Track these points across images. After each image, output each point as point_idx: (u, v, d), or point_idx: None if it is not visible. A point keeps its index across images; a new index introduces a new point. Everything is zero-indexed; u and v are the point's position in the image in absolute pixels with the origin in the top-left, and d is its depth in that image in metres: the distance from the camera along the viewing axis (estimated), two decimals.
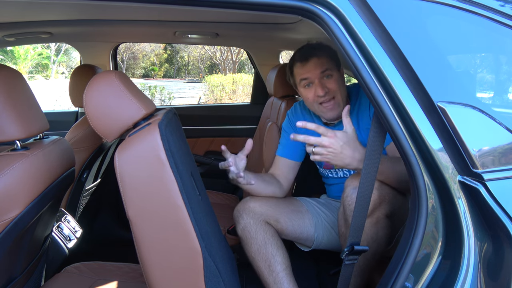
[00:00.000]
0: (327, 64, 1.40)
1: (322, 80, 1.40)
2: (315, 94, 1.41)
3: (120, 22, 1.94)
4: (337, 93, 1.40)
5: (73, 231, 1.65)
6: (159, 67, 22.34)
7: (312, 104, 1.45)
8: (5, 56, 15.66)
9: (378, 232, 1.18)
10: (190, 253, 0.86)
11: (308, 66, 1.41)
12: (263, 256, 1.37)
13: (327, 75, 1.40)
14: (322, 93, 1.39)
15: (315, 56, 1.41)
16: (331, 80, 1.40)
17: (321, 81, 1.40)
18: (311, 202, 1.58)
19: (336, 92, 1.40)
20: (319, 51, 1.42)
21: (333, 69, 1.41)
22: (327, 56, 1.41)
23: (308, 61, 1.41)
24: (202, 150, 2.77)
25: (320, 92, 1.39)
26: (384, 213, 1.17)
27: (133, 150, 0.83)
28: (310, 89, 1.42)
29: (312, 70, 1.40)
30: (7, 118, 0.94)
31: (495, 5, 0.85)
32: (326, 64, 1.40)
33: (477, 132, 0.81)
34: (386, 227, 1.19)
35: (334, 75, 1.41)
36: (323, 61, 1.40)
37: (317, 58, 1.40)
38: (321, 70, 1.39)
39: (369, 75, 0.84)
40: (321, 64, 1.40)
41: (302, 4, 0.85)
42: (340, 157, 1.10)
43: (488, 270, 0.80)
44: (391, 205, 1.18)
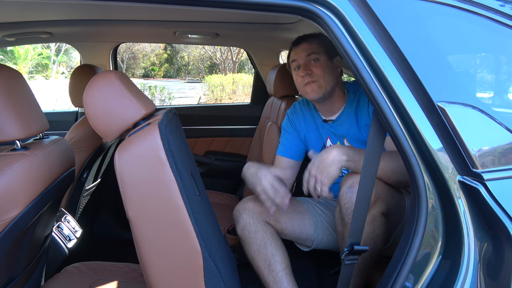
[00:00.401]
0: (315, 48, 1.45)
1: (308, 63, 1.45)
2: (300, 75, 1.47)
3: (120, 22, 1.94)
4: (321, 77, 1.44)
5: (73, 231, 1.65)
6: (159, 67, 22.35)
7: (299, 86, 1.50)
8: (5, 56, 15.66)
9: (375, 230, 1.18)
10: (190, 253, 0.86)
11: (298, 49, 1.48)
12: (262, 255, 1.37)
13: (314, 59, 1.45)
14: (303, 73, 1.44)
15: (306, 41, 1.48)
16: (317, 64, 1.45)
17: (306, 63, 1.46)
18: (310, 202, 1.58)
19: (320, 76, 1.43)
20: (312, 37, 1.49)
21: (320, 54, 1.45)
22: (318, 42, 1.47)
23: (299, 44, 1.49)
24: (202, 150, 2.77)
25: (302, 72, 1.45)
26: (380, 211, 1.17)
27: (133, 150, 0.83)
28: (299, 71, 1.48)
29: (300, 52, 1.47)
30: (7, 118, 0.94)
31: (495, 5, 0.85)
32: (313, 49, 1.45)
33: (477, 132, 0.81)
34: (382, 225, 1.19)
35: (321, 60, 1.45)
36: (312, 46, 1.46)
37: (307, 43, 1.47)
38: (307, 53, 1.45)
39: (369, 75, 0.84)
40: (309, 47, 1.46)
41: (302, 4, 0.85)
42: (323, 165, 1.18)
43: (488, 270, 0.80)
44: (387, 202, 1.18)
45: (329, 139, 1.56)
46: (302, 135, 1.63)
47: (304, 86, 1.46)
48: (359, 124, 1.47)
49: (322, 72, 1.44)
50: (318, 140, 1.59)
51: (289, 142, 1.62)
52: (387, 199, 1.18)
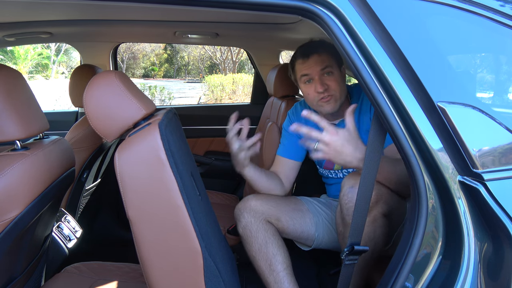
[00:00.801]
0: (328, 61, 1.42)
1: (322, 77, 1.42)
2: (315, 90, 1.42)
3: (120, 22, 1.94)
4: (336, 91, 1.42)
5: (73, 231, 1.65)
6: (159, 67, 22.34)
7: (312, 100, 1.46)
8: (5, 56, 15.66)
9: (376, 230, 1.18)
10: (190, 253, 0.86)
11: (309, 63, 1.43)
12: (264, 255, 1.37)
13: (327, 72, 1.42)
14: (321, 89, 1.40)
15: (316, 53, 1.42)
16: (331, 77, 1.42)
17: (321, 77, 1.42)
18: (312, 201, 1.58)
19: (335, 89, 1.42)
20: (321, 48, 1.44)
21: (333, 67, 1.43)
22: (328, 53, 1.43)
23: (309, 57, 1.43)
24: (202, 150, 2.77)
25: (320, 89, 1.41)
26: (381, 212, 1.17)
27: (133, 150, 0.83)
28: (310, 85, 1.44)
29: (313, 66, 1.42)
30: (7, 118, 0.94)
31: (495, 5, 0.85)
32: (326, 61, 1.42)
33: (477, 132, 0.81)
34: (383, 226, 1.19)
35: (335, 72, 1.43)
36: (324, 58, 1.42)
37: (318, 55, 1.42)
38: (321, 67, 1.41)
39: (369, 75, 0.84)
40: (321, 61, 1.41)
41: (302, 4, 0.85)
42: (341, 156, 1.09)
43: (488, 270, 0.80)
44: (388, 204, 1.18)
45: None
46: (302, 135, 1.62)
47: (319, 101, 1.43)
48: (360, 129, 1.47)
49: (337, 85, 1.42)
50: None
51: (289, 143, 1.62)
52: (388, 200, 1.18)
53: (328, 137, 1.09)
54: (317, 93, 1.42)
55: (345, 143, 1.08)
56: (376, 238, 1.18)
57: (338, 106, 1.44)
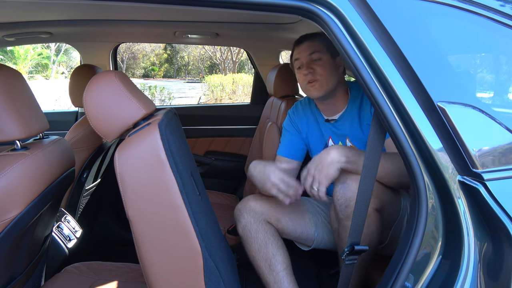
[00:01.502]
0: (318, 47, 1.46)
1: (311, 62, 1.46)
2: (302, 74, 1.47)
3: (120, 22, 1.94)
4: (323, 76, 1.44)
5: (73, 231, 1.65)
6: (159, 67, 22.35)
7: (302, 85, 1.51)
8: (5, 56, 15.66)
9: (369, 225, 1.18)
10: (190, 253, 0.86)
11: (300, 48, 1.49)
12: (263, 255, 1.37)
13: (316, 58, 1.45)
14: (306, 72, 1.45)
15: (309, 40, 1.48)
16: (318, 62, 1.45)
17: (309, 62, 1.46)
18: (311, 201, 1.58)
19: (322, 75, 1.44)
20: (315, 36, 1.49)
21: (323, 53, 1.45)
22: (320, 41, 1.47)
23: (302, 43, 1.49)
24: (202, 150, 2.77)
25: (305, 71, 1.45)
26: (374, 207, 1.17)
27: (133, 150, 0.83)
28: (300, 70, 1.49)
29: (302, 51, 1.48)
30: (7, 118, 0.94)
31: (495, 5, 0.85)
32: (316, 47, 1.46)
33: (477, 132, 0.81)
34: (377, 221, 1.19)
35: (324, 59, 1.45)
36: (315, 44, 1.47)
37: (309, 41, 1.48)
38: (310, 52, 1.46)
39: (369, 75, 0.84)
40: (311, 46, 1.47)
41: (302, 4, 0.85)
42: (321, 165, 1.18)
43: (488, 270, 0.80)
44: (381, 199, 1.19)
45: (331, 139, 1.56)
46: (303, 134, 1.63)
47: (307, 85, 1.47)
48: (361, 124, 1.46)
49: (324, 71, 1.44)
50: (320, 140, 1.58)
51: (290, 142, 1.62)
52: (381, 195, 1.19)
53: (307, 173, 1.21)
54: (304, 75, 1.46)
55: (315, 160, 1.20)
56: (370, 233, 1.18)
57: (324, 92, 1.45)
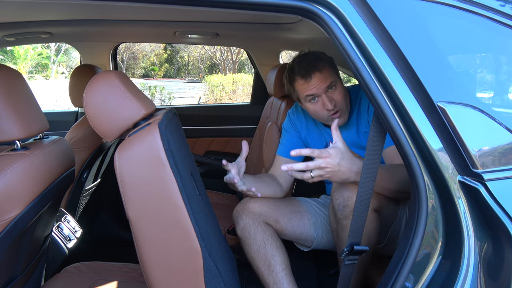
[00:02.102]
0: (330, 76, 1.38)
1: (328, 93, 1.39)
2: (323, 107, 1.40)
3: (120, 22, 1.94)
4: (343, 103, 1.41)
5: (73, 231, 1.65)
6: (159, 67, 22.34)
7: (322, 117, 1.44)
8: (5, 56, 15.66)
9: (367, 226, 1.17)
10: (190, 253, 0.86)
11: (312, 82, 1.38)
12: (262, 256, 1.37)
13: (331, 87, 1.40)
14: (331, 107, 1.38)
15: (317, 70, 1.38)
16: (335, 91, 1.39)
17: (327, 94, 1.39)
18: (310, 202, 1.58)
19: (342, 103, 1.41)
20: (320, 63, 1.39)
21: (336, 80, 1.40)
22: (327, 67, 1.40)
23: (312, 77, 1.38)
24: (202, 150, 2.77)
25: (329, 106, 1.38)
26: (372, 207, 1.17)
27: (133, 150, 0.83)
28: (317, 103, 1.41)
29: (317, 85, 1.38)
30: (7, 118, 0.94)
31: (495, 5, 0.85)
32: (329, 77, 1.38)
33: (477, 132, 0.81)
34: (374, 221, 1.19)
35: (338, 85, 1.41)
36: (326, 74, 1.38)
37: (319, 73, 1.37)
38: (326, 85, 1.38)
39: (369, 75, 0.84)
40: (325, 78, 1.38)
41: (302, 4, 0.85)
42: (339, 174, 1.13)
43: (488, 270, 0.80)
44: (379, 199, 1.19)
45: (331, 143, 1.56)
46: (303, 135, 1.63)
47: (329, 116, 1.41)
48: (358, 131, 1.47)
49: (343, 97, 1.41)
50: (320, 141, 1.59)
51: (289, 142, 1.62)
52: (378, 195, 1.19)
53: (323, 162, 1.11)
54: (327, 110, 1.40)
55: (340, 161, 1.12)
56: (368, 233, 1.18)
57: (348, 117, 1.45)
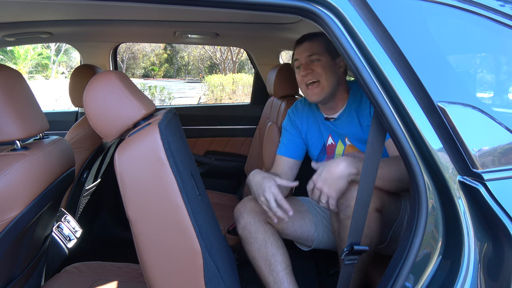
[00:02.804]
0: (317, 48, 1.44)
1: (309, 63, 1.44)
2: (301, 74, 1.46)
3: (120, 22, 1.94)
4: (322, 77, 1.42)
5: (73, 231, 1.65)
6: (159, 67, 22.34)
7: (301, 86, 1.49)
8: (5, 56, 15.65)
9: (370, 225, 1.18)
10: (190, 253, 0.86)
11: (300, 48, 1.47)
12: (263, 255, 1.37)
13: (315, 59, 1.44)
14: (304, 73, 1.43)
15: (309, 40, 1.46)
16: (317, 63, 1.43)
17: (307, 63, 1.45)
18: (311, 202, 1.58)
19: (321, 76, 1.42)
20: (315, 37, 1.47)
21: (322, 54, 1.44)
22: (320, 42, 1.45)
23: (302, 43, 1.47)
24: (202, 150, 2.77)
25: (303, 72, 1.44)
26: (374, 207, 1.17)
27: (133, 150, 0.83)
28: (299, 70, 1.47)
29: (302, 52, 1.46)
30: (7, 118, 0.94)
31: (495, 5, 0.85)
32: (315, 49, 1.44)
33: (477, 132, 0.81)
34: (377, 221, 1.19)
35: (323, 60, 1.44)
36: (314, 45, 1.45)
37: (309, 42, 1.46)
38: (309, 53, 1.44)
39: (369, 75, 0.84)
40: (311, 47, 1.45)
41: (302, 4, 0.85)
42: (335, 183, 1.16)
43: (488, 270, 0.80)
44: (381, 199, 1.19)
45: (331, 137, 1.55)
46: (303, 134, 1.63)
47: (306, 89, 1.45)
48: (361, 124, 1.46)
49: (323, 71, 1.42)
50: (319, 138, 1.58)
51: (289, 142, 1.61)
52: (381, 195, 1.19)
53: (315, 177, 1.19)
54: (302, 76, 1.45)
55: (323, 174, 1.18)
56: (370, 233, 1.18)
57: (324, 96, 1.44)
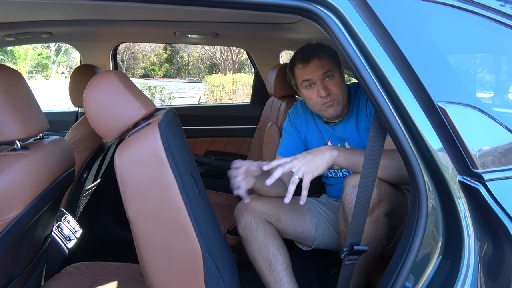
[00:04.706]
0: (329, 65, 1.40)
1: (324, 81, 1.40)
2: (317, 95, 1.41)
3: (120, 22, 1.94)
4: (339, 95, 1.41)
5: (73, 231, 1.65)
6: (159, 67, 22.34)
7: (315, 105, 1.45)
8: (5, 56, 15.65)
9: (378, 230, 1.18)
10: (190, 253, 0.86)
11: (310, 68, 1.41)
12: (264, 255, 1.37)
13: (329, 76, 1.41)
14: (325, 94, 1.39)
15: (316, 57, 1.40)
16: (332, 81, 1.41)
17: (323, 82, 1.40)
18: (312, 201, 1.58)
19: (338, 93, 1.41)
20: (320, 52, 1.42)
21: (334, 70, 1.42)
22: (328, 56, 1.42)
23: (310, 62, 1.41)
24: (202, 150, 2.77)
25: (323, 94, 1.39)
26: (384, 212, 1.17)
27: (133, 150, 0.83)
28: (312, 89, 1.42)
29: (314, 71, 1.40)
30: (7, 118, 0.94)
31: (495, 5, 0.85)
32: (327, 65, 1.40)
33: (477, 132, 0.81)
34: (385, 226, 1.19)
35: (336, 76, 1.42)
36: (325, 62, 1.40)
37: (318, 59, 1.40)
38: (323, 72, 1.40)
39: (369, 75, 0.84)
40: (322, 65, 1.40)
41: (302, 4, 0.85)
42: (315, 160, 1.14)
43: (488, 270, 0.80)
44: (390, 203, 1.18)
45: (330, 141, 1.56)
46: (303, 135, 1.63)
47: (322, 105, 1.43)
48: (358, 127, 1.47)
49: (340, 89, 1.41)
50: (320, 140, 1.58)
51: (289, 143, 1.62)
52: (390, 200, 1.18)
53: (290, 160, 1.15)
54: (320, 98, 1.41)
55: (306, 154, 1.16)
56: (378, 237, 1.18)
57: (341, 109, 1.43)
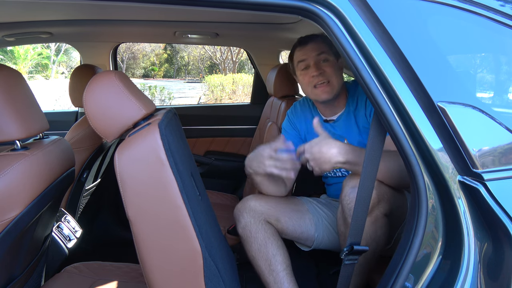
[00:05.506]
0: (324, 48, 1.44)
1: (318, 63, 1.44)
2: (310, 75, 1.44)
3: (120, 22, 1.94)
4: (332, 77, 1.43)
5: (73, 231, 1.65)
6: (159, 67, 22.34)
7: (307, 87, 1.48)
8: (5, 56, 15.65)
9: (377, 231, 1.18)
10: (190, 253, 0.86)
11: (306, 49, 1.46)
12: (263, 255, 1.37)
13: (324, 59, 1.44)
14: (317, 73, 1.42)
15: (313, 41, 1.46)
16: (326, 64, 1.44)
17: (317, 63, 1.44)
18: (311, 201, 1.58)
19: (331, 76, 1.43)
20: (317, 37, 1.47)
21: (329, 54, 1.45)
22: (324, 42, 1.46)
23: (307, 44, 1.46)
24: (202, 150, 2.77)
25: (315, 72, 1.42)
26: (383, 212, 1.17)
27: (133, 150, 0.83)
28: (307, 71, 1.46)
29: (309, 52, 1.45)
30: (7, 118, 0.94)
31: (495, 5, 0.85)
32: (322, 48, 1.44)
33: (477, 132, 0.81)
34: (384, 226, 1.19)
35: (331, 60, 1.45)
36: (321, 45, 1.45)
37: (314, 42, 1.46)
38: (317, 53, 1.44)
39: (369, 75, 0.84)
40: (318, 47, 1.45)
41: (302, 4, 0.85)
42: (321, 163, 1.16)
43: (488, 270, 0.80)
44: (390, 203, 1.18)
45: None
46: (302, 135, 1.63)
47: (314, 88, 1.45)
48: (359, 126, 1.47)
49: (333, 72, 1.43)
50: None
51: None
52: (389, 200, 1.18)
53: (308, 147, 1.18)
54: (312, 77, 1.43)
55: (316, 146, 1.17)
56: (377, 238, 1.18)
57: (333, 95, 1.44)
